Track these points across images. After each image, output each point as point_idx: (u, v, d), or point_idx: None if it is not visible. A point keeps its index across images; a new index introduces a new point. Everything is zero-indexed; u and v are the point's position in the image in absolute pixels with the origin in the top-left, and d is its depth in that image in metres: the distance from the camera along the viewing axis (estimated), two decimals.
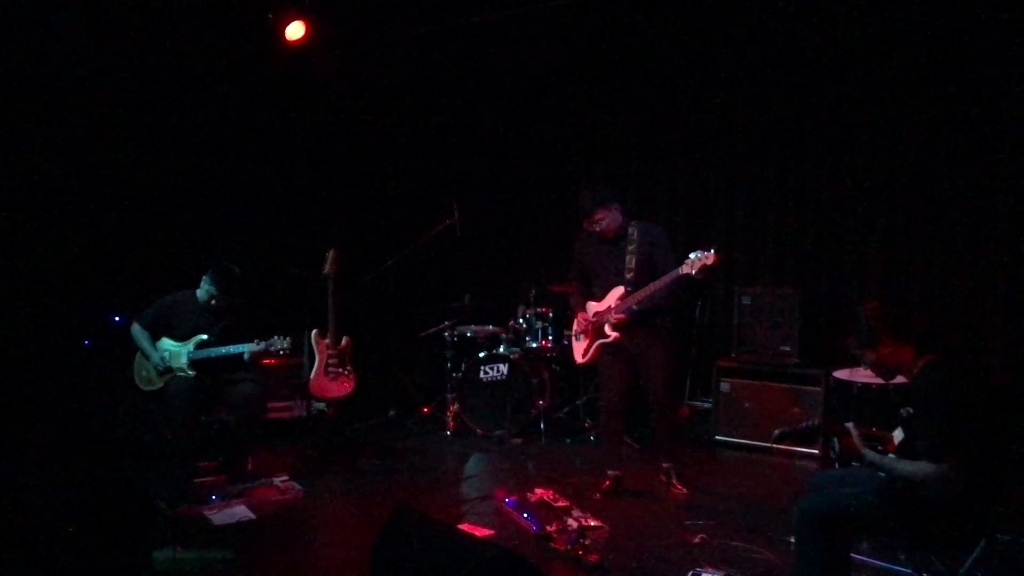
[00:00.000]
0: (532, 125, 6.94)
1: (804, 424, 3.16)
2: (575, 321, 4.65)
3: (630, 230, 4.37)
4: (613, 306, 4.35)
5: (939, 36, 5.12)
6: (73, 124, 5.46)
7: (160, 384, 4.65)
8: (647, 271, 4.28)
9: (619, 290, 4.34)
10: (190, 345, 4.65)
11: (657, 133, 6.41)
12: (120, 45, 5.52)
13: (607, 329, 4.37)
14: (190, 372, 4.61)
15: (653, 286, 4.17)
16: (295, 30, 5.95)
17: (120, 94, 5.64)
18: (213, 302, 4.66)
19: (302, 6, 5.91)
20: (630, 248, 4.33)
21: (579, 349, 4.65)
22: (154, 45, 5.66)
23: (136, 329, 4.72)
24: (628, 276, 4.31)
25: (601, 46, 6.34)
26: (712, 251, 3.95)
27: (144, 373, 4.72)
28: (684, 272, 4.02)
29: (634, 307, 4.28)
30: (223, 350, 4.60)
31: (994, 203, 5.07)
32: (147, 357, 4.66)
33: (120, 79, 5.61)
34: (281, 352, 4.67)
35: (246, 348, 4.61)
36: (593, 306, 4.51)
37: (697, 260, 3.96)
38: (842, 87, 5.54)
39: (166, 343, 4.70)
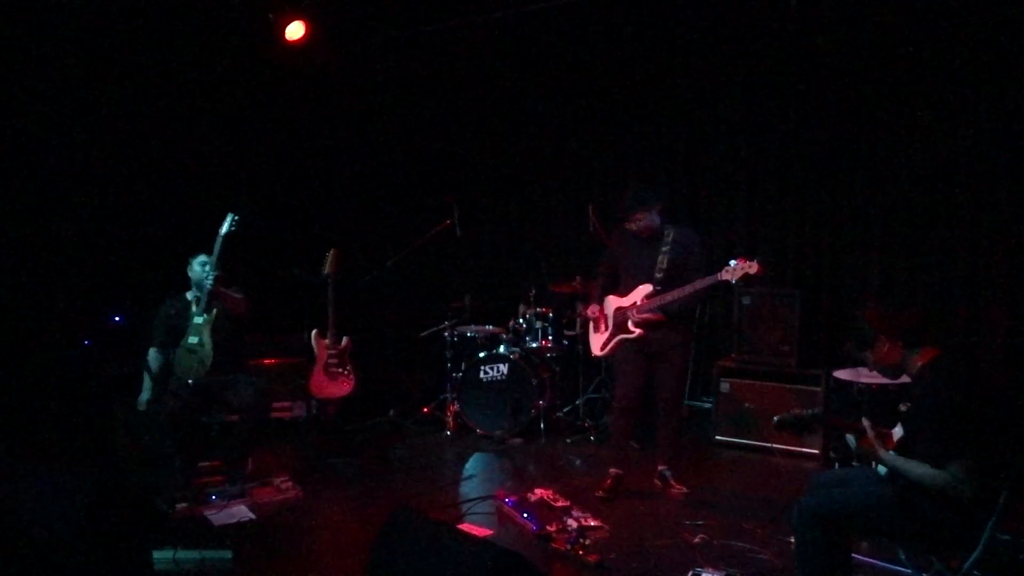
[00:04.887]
0: (532, 125, 6.94)
1: (806, 412, 3.16)
2: (588, 310, 4.66)
3: (666, 231, 4.38)
4: (639, 303, 4.35)
5: (939, 36, 5.13)
6: (73, 124, 5.46)
7: (202, 372, 4.54)
8: (676, 273, 4.28)
9: (646, 287, 4.34)
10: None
11: (657, 133, 6.41)
12: (121, 45, 5.53)
13: (630, 325, 4.37)
14: (206, 343, 4.51)
15: (686, 288, 4.15)
16: (295, 30, 5.96)
17: (121, 94, 5.64)
18: (209, 280, 4.53)
19: (302, 6, 5.92)
20: (664, 249, 4.33)
21: (597, 341, 4.65)
22: (155, 45, 5.67)
23: (151, 354, 4.65)
24: (658, 276, 4.31)
25: (601, 46, 6.35)
26: (756, 260, 3.92)
27: (182, 365, 4.56)
28: (724, 278, 3.99)
29: (660, 307, 4.28)
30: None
31: (994, 202, 5.07)
32: (143, 388, 4.63)
33: (121, 79, 5.61)
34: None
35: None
36: (616, 300, 4.51)
37: (739, 268, 3.94)
38: (842, 86, 5.55)
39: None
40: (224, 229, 4.55)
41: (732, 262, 3.98)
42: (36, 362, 5.13)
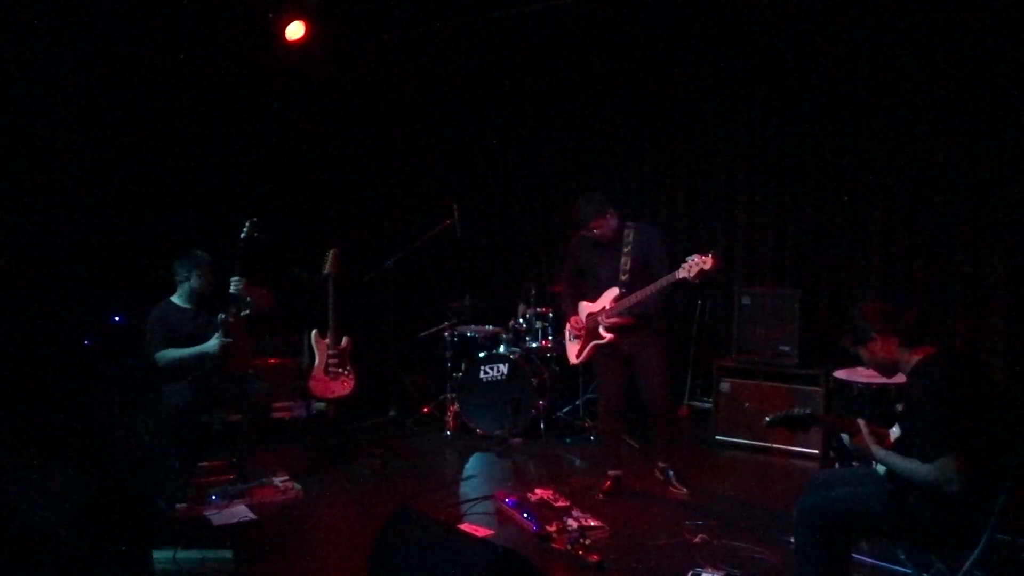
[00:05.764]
0: (532, 125, 6.94)
1: (798, 411, 3.16)
2: (568, 324, 4.65)
3: (626, 232, 4.37)
4: (607, 308, 4.35)
5: (938, 35, 5.13)
6: (73, 124, 5.46)
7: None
8: (641, 273, 4.28)
9: (613, 291, 4.34)
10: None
11: (657, 133, 6.41)
12: (121, 45, 5.52)
13: (601, 331, 4.37)
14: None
15: (648, 289, 4.15)
16: (295, 30, 5.95)
17: (121, 94, 5.64)
18: (193, 283, 4.57)
19: (302, 6, 5.91)
20: (626, 250, 4.33)
21: (573, 350, 4.65)
22: (155, 45, 5.67)
23: (163, 356, 4.50)
24: (623, 278, 4.30)
25: (601, 46, 6.34)
26: (710, 255, 3.89)
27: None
28: (681, 276, 3.97)
29: (627, 309, 4.27)
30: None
31: (994, 202, 5.06)
32: (198, 358, 4.46)
33: (121, 79, 5.61)
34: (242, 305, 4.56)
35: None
36: (587, 306, 4.51)
37: (694, 264, 3.90)
38: (842, 86, 5.55)
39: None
40: (243, 235, 4.63)
41: (689, 258, 3.94)
42: (36, 362, 5.12)
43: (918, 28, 5.19)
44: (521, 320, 6.01)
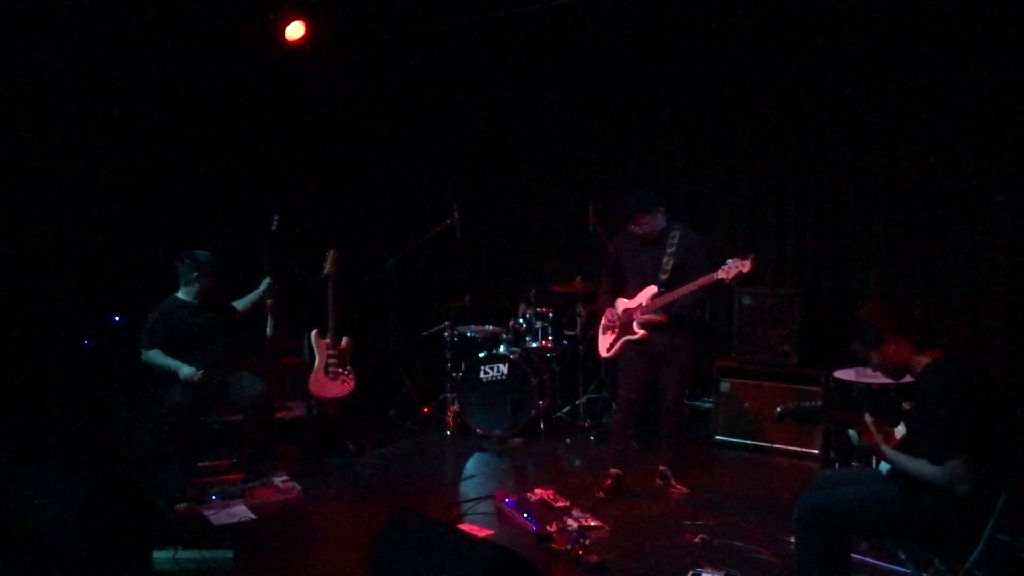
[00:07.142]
0: (532, 124, 6.94)
1: (808, 404, 3.17)
2: (603, 316, 4.67)
3: (672, 232, 4.40)
4: (644, 304, 4.38)
5: (938, 35, 5.12)
6: (73, 124, 5.46)
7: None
8: (681, 275, 4.30)
9: (652, 289, 4.37)
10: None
11: (657, 132, 6.41)
12: (121, 45, 5.52)
13: (635, 327, 4.40)
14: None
15: (686, 288, 4.18)
16: (295, 30, 5.95)
17: (120, 94, 5.64)
18: (199, 285, 4.58)
19: (302, 6, 5.92)
20: (669, 250, 4.35)
21: (604, 343, 4.67)
22: (154, 45, 5.67)
23: (149, 357, 4.49)
24: (663, 277, 4.33)
25: (601, 46, 6.34)
26: (749, 259, 3.94)
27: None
28: (720, 277, 4.01)
29: (663, 308, 4.30)
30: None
31: (994, 202, 5.06)
32: (177, 372, 4.43)
33: (121, 79, 5.61)
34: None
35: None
36: (624, 302, 4.54)
37: (733, 266, 3.96)
38: (842, 86, 5.55)
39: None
40: (274, 228, 4.74)
41: (728, 261, 4.00)
42: (36, 362, 5.12)
43: (919, 29, 5.19)
44: (521, 320, 6.01)
